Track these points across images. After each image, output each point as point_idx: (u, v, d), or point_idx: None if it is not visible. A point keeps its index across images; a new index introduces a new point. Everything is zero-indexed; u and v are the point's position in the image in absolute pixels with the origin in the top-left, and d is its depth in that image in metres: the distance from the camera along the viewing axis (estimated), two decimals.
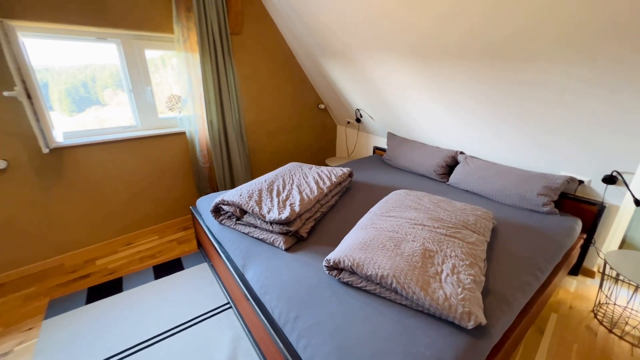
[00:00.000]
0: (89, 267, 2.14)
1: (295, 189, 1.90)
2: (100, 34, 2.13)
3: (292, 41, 2.95)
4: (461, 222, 1.54)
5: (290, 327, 1.12)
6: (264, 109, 3.07)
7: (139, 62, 2.32)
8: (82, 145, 2.10)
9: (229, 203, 1.74)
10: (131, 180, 2.38)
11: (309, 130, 3.57)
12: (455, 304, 1.04)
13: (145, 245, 2.41)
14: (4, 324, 1.65)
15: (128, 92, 2.35)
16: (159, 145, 2.46)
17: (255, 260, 1.49)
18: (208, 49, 2.38)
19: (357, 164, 2.91)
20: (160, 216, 2.61)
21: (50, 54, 2.06)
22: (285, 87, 3.18)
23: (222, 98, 2.56)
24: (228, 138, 2.69)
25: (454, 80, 2.04)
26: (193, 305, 1.79)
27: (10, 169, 1.88)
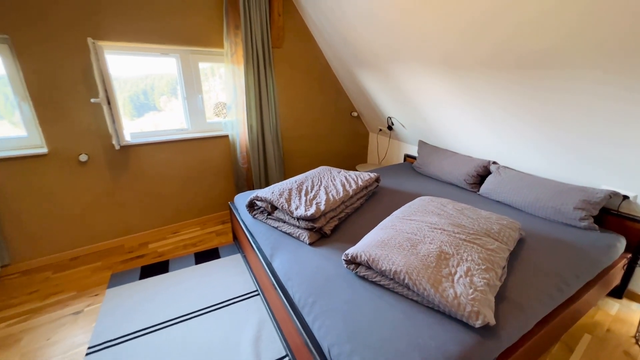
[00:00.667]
0: (143, 249, 2.47)
1: (322, 190, 2.04)
2: (163, 50, 2.50)
3: (329, 52, 3.13)
4: (483, 230, 1.55)
5: (308, 310, 1.24)
6: (299, 116, 3.27)
7: (193, 74, 2.66)
8: (144, 144, 2.46)
9: (262, 199, 1.93)
10: (180, 176, 2.71)
11: (341, 136, 3.71)
12: (465, 302, 1.09)
13: (189, 234, 2.71)
14: (77, 289, 1.99)
15: (182, 99, 2.70)
16: (206, 146, 2.77)
17: (281, 251, 1.64)
18: (252, 61, 2.64)
19: (387, 170, 2.97)
20: (202, 210, 2.91)
21: (120, 67, 2.40)
22: (321, 95, 3.36)
23: (262, 105, 2.81)
24: (265, 141, 2.93)
25: (486, 90, 2.04)
26: (226, 289, 1.99)
27: (90, 162, 2.27)
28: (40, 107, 2.04)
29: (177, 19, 2.36)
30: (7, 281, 2.07)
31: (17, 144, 2.11)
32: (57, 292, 1.97)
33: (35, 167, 2.09)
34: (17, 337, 1.62)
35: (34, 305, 1.85)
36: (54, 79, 2.04)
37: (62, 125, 2.13)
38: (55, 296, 1.93)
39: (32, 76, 1.97)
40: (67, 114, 2.12)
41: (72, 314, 1.78)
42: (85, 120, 2.19)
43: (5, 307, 1.84)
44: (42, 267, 2.23)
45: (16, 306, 1.84)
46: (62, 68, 2.04)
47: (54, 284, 2.04)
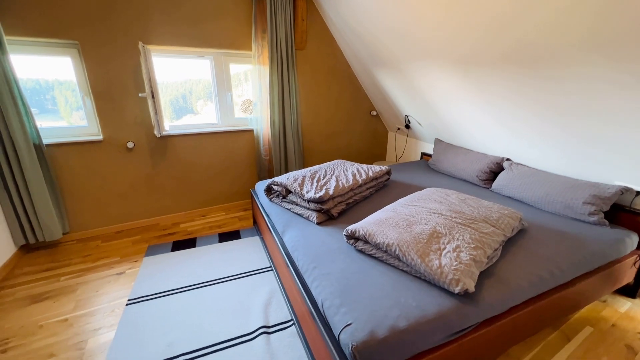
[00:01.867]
0: (175, 228, 2.79)
1: (333, 178, 2.21)
2: (200, 53, 2.82)
3: (349, 54, 3.31)
4: (482, 217, 1.63)
5: (309, 274, 1.41)
6: (320, 114, 3.47)
7: (224, 74, 2.96)
8: (180, 135, 2.79)
9: (278, 184, 2.14)
10: (209, 165, 3.01)
11: (360, 134, 3.85)
12: (447, 271, 1.20)
13: (215, 218, 3.00)
14: (121, 256, 2.33)
15: (214, 97, 3.01)
16: (233, 139, 3.06)
17: (292, 228, 1.83)
18: (276, 62, 2.89)
19: (402, 166, 3.07)
20: (228, 197, 3.20)
21: (162, 71, 2.72)
22: (341, 94, 3.54)
23: (284, 103, 3.05)
24: (286, 137, 3.16)
25: (501, 87, 2.08)
26: (243, 264, 2.22)
27: (135, 149, 2.63)
28: (99, 101, 2.42)
29: (212, 25, 2.68)
30: (67, 246, 2.47)
31: (79, 132, 2.52)
32: (105, 256, 2.32)
33: (92, 151, 2.48)
34: (74, 288, 1.96)
35: (86, 266, 2.20)
36: (110, 77, 2.42)
37: (115, 117, 2.50)
38: (104, 260, 2.27)
39: (94, 75, 2.36)
40: (119, 107, 2.50)
41: (116, 274, 2.10)
42: (133, 113, 2.55)
43: (65, 265, 2.21)
44: (93, 237, 2.61)
45: (74, 265, 2.21)
46: (116, 68, 2.42)
47: (103, 251, 2.40)
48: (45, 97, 2.51)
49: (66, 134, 2.48)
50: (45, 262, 2.25)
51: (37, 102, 2.47)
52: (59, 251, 2.40)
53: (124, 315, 1.73)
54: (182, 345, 1.53)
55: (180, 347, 1.53)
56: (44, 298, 1.87)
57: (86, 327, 1.65)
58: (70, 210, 2.52)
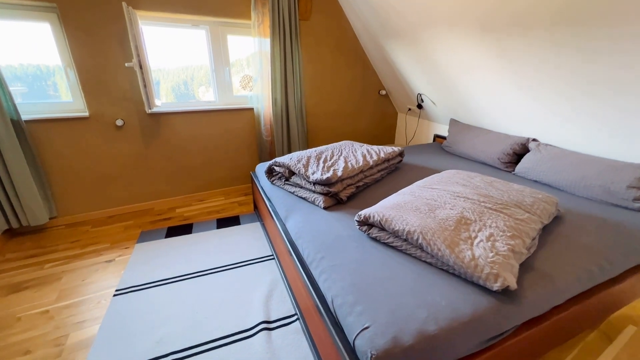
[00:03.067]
0: (170, 213, 2.62)
1: (341, 159, 1.99)
2: (194, 22, 2.56)
3: (357, 25, 3.02)
4: (514, 201, 1.42)
5: (316, 265, 1.22)
6: (325, 92, 3.22)
7: (221, 46, 2.71)
8: (174, 113, 2.57)
9: (280, 164, 1.93)
10: (207, 146, 2.80)
11: (368, 115, 3.60)
12: (483, 264, 1.00)
13: (213, 203, 2.81)
14: (111, 242, 2.16)
15: (211, 71, 2.77)
16: (232, 118, 2.83)
17: (296, 213, 1.63)
18: (278, 33, 2.62)
19: (414, 149, 2.84)
20: (227, 181, 3.00)
21: (162, 57, 2.54)
22: (348, 71, 3.27)
23: (287, 79, 2.80)
24: (289, 116, 2.92)
25: (527, 55, 1.83)
26: (243, 252, 2.04)
27: (125, 127, 2.42)
28: (82, 73, 2.20)
29: None
30: (54, 231, 2.30)
31: (63, 107, 2.31)
32: (94, 242, 2.15)
33: (78, 129, 2.28)
34: (58, 276, 1.80)
35: (74, 252, 2.03)
36: (94, 46, 2.18)
37: (101, 91, 2.28)
38: (92, 246, 2.11)
39: (76, 44, 2.13)
40: (105, 81, 2.27)
41: (105, 262, 1.94)
42: (121, 87, 2.33)
43: (51, 251, 2.05)
44: (83, 221, 2.44)
45: (60, 251, 2.04)
46: (101, 35, 2.17)
47: (92, 236, 2.23)
48: (47, 82, 2.28)
49: (49, 110, 2.26)
50: (29, 248, 2.09)
51: (39, 88, 2.26)
52: (45, 236, 2.23)
53: (111, 307, 1.56)
54: (173, 342, 1.37)
55: (171, 344, 1.36)
56: (25, 287, 1.71)
57: (68, 320, 1.49)
58: (56, 193, 2.34)
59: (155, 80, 2.59)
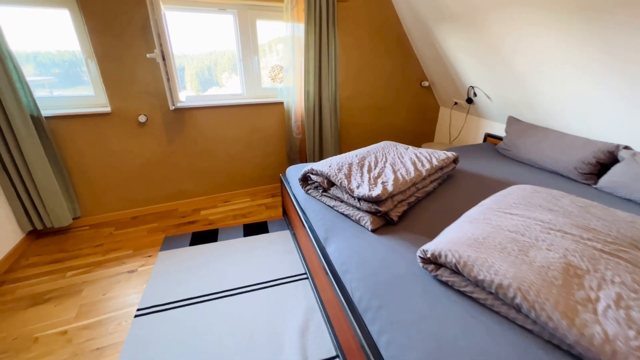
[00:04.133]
0: (195, 215, 2.46)
1: (388, 167, 1.70)
2: (221, 5, 2.30)
3: (402, 7, 2.63)
4: (628, 239, 1.08)
5: (372, 317, 0.98)
6: (361, 83, 2.89)
7: (250, 32, 2.44)
8: (198, 108, 2.37)
9: (317, 173, 1.67)
10: (233, 143, 2.59)
11: (407, 109, 3.24)
12: (625, 351, 0.70)
13: (239, 205, 2.63)
14: (134, 248, 2.03)
15: (238, 61, 2.52)
16: (259, 113, 2.59)
17: (338, 235, 1.38)
18: (313, 17, 2.31)
19: (463, 150, 2.48)
20: (253, 180, 2.80)
21: (184, 38, 2.36)
22: (388, 60, 2.91)
23: (322, 69, 2.50)
24: (322, 111, 2.64)
25: (632, 40, 1.42)
26: (273, 268, 1.84)
27: (148, 123, 2.25)
28: (103, 64, 2.02)
29: None
30: (78, 233, 2.21)
31: (85, 102, 2.16)
32: (117, 248, 2.03)
33: (100, 125, 2.13)
34: (79, 287, 1.69)
35: (96, 259, 1.92)
36: (115, 34, 1.98)
37: (123, 85, 2.10)
38: (115, 252, 1.99)
39: (95, 32, 1.94)
40: (127, 72, 2.09)
41: (127, 272, 1.80)
42: (144, 80, 2.14)
43: (74, 256, 1.95)
44: (107, 222, 2.34)
45: (83, 257, 1.94)
46: (122, 23, 1.97)
47: (116, 240, 2.12)
48: (81, 69, 2.12)
49: (70, 105, 2.12)
50: (53, 251, 2.00)
51: (74, 74, 2.12)
52: (69, 238, 2.15)
53: (132, 331, 1.41)
54: None
55: None
56: (46, 300, 1.60)
57: (87, 345, 1.35)
58: (80, 193, 2.23)
59: (180, 67, 2.42)
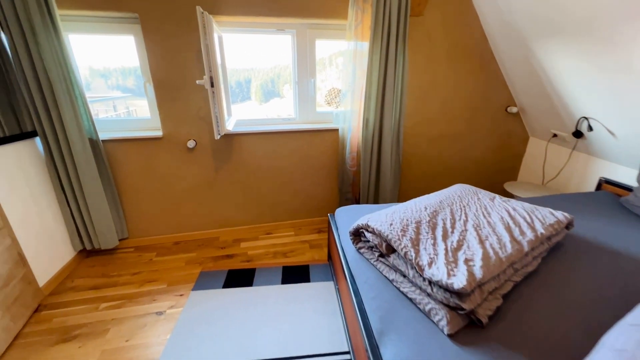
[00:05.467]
0: (234, 247, 2.29)
1: (471, 233, 1.27)
2: (279, 25, 2.14)
3: (492, 21, 2.16)
4: None
5: None
6: (431, 109, 2.46)
7: (308, 54, 2.23)
8: (248, 134, 2.21)
9: (374, 231, 1.31)
10: (281, 171, 2.39)
11: (486, 138, 2.69)
12: None
13: (281, 239, 2.39)
14: (168, 282, 1.91)
15: (294, 83, 2.33)
16: (311, 140, 2.35)
17: (398, 333, 1.00)
18: (380, 34, 2.00)
19: (569, 200, 1.88)
20: (299, 212, 2.55)
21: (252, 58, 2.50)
22: (467, 82, 2.44)
23: (385, 93, 2.15)
24: (382, 141, 2.28)
25: None
26: (312, 336, 1.51)
27: (197, 149, 2.16)
28: (160, 90, 1.99)
29: None
30: (122, 255, 2.20)
31: (141, 125, 2.17)
32: (153, 280, 1.93)
33: (151, 149, 2.10)
34: (107, 325, 1.59)
35: (131, 290, 1.84)
36: (171, 59, 1.94)
37: (176, 110, 2.05)
38: (150, 285, 1.89)
39: (153, 56, 1.91)
40: (181, 98, 2.03)
41: (156, 313, 1.66)
42: (196, 105, 2.06)
43: (111, 284, 1.90)
44: (151, 246, 2.30)
45: (120, 286, 1.88)
46: (178, 47, 1.92)
47: (153, 269, 2.04)
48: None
49: (128, 127, 2.14)
50: (96, 274, 1.99)
51: (138, 86, 2.18)
52: (114, 260, 2.14)
53: None
54: None
55: None
56: (73, 337, 1.52)
57: None
58: (129, 215, 2.23)
59: (246, 79, 2.61)
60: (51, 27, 1.64)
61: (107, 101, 4.11)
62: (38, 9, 1.58)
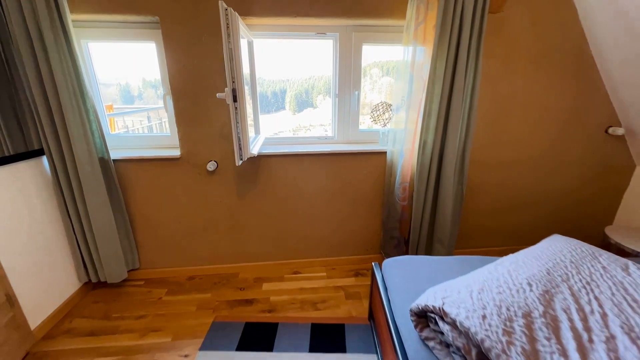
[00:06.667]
0: (255, 289, 1.92)
1: (624, 344, 0.76)
2: (320, 28, 1.79)
3: (598, 13, 1.63)
4: None
5: None
6: (505, 127, 1.95)
7: (352, 61, 1.85)
8: (275, 155, 1.86)
9: (455, 324, 0.86)
10: (314, 199, 2.00)
11: (575, 167, 2.09)
12: None
13: (311, 281, 1.99)
14: (174, 334, 1.58)
15: (333, 96, 1.95)
16: (352, 164, 1.94)
17: None
18: (449, 35, 1.56)
19: None
20: (333, 248, 2.13)
21: (288, 68, 2.36)
22: (556, 95, 1.90)
23: (450, 109, 1.69)
24: (443, 169, 1.81)
25: None
26: None
27: (218, 171, 1.86)
28: (178, 102, 1.71)
29: None
30: (131, 289, 1.93)
31: (162, 142, 1.91)
32: (157, 329, 1.61)
33: (168, 171, 1.82)
34: None
35: (130, 343, 1.53)
36: (192, 68, 1.66)
37: (196, 126, 1.76)
38: (153, 336, 1.57)
39: (174, 65, 1.65)
40: (201, 112, 1.74)
41: None
42: (218, 121, 1.76)
43: (111, 330, 1.61)
44: (163, 279, 2.01)
45: (119, 334, 1.58)
46: (200, 55, 1.63)
47: (160, 312, 1.73)
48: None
49: (145, 144, 1.90)
50: (98, 313, 1.73)
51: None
52: (120, 295, 1.87)
53: None
54: None
55: None
56: None
57: None
58: (141, 243, 1.97)
59: (281, 90, 2.54)
60: (61, 32, 1.42)
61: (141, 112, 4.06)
62: (47, 12, 1.37)
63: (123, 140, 1.91)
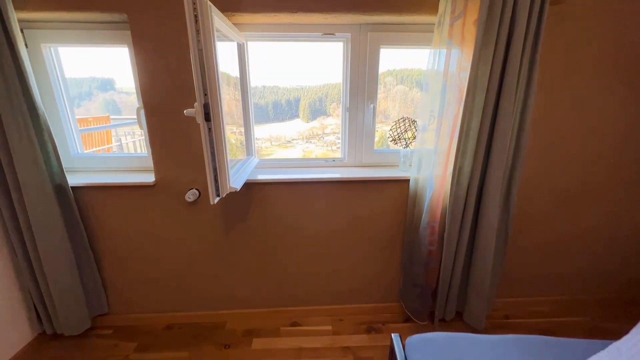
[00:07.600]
0: (244, 345, 1.55)
1: None
2: (328, 28, 1.45)
3: None
4: None
5: None
6: (561, 148, 1.53)
7: (367, 67, 1.49)
8: (271, 183, 1.51)
9: None
10: (316, 236, 1.63)
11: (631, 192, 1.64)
12: None
13: (313, 338, 1.60)
14: None
15: (343, 110, 1.60)
16: (365, 194, 1.56)
17: None
18: (496, 33, 1.18)
19: None
20: (340, 294, 1.74)
21: (302, 77, 2.19)
22: (628, 104, 1.47)
23: (496, 127, 1.30)
24: (483, 202, 1.40)
25: None
26: None
27: (200, 201, 1.52)
28: (152, 118, 1.40)
29: None
30: (95, 340, 1.59)
31: (137, 163, 1.60)
32: None
33: (141, 200, 1.50)
34: None
35: None
36: (166, 77, 1.34)
37: (173, 147, 1.44)
38: None
39: (146, 72, 1.34)
40: (179, 130, 1.41)
41: None
42: (200, 142, 1.43)
43: None
44: (134, 328, 1.67)
45: None
46: (181, 61, 1.32)
47: None
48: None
49: (117, 166, 1.59)
50: None
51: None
52: (82, 349, 1.54)
53: None
54: None
55: None
56: None
57: None
58: (110, 285, 1.64)
59: (295, 98, 2.53)
60: (1, 34, 1.14)
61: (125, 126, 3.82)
62: None
63: (93, 162, 1.61)
